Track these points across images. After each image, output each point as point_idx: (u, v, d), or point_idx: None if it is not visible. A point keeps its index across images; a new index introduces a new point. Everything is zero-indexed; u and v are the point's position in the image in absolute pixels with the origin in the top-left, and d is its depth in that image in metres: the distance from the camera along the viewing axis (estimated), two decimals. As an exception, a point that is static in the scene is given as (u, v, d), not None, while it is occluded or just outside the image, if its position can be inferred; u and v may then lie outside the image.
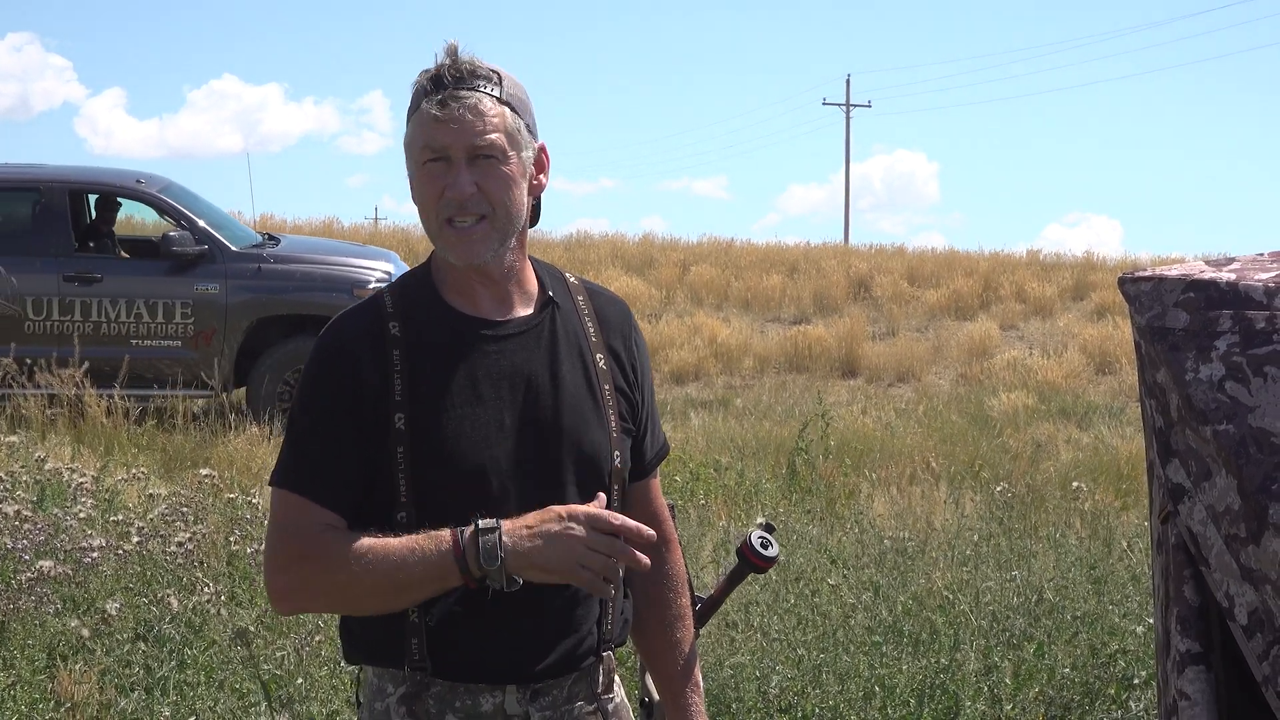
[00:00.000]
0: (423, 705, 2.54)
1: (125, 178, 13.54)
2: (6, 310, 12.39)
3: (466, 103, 2.49)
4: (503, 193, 2.52)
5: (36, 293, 12.46)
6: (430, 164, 2.51)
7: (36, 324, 12.37)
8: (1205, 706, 2.69)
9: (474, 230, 2.52)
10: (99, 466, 8.98)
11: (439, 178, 2.50)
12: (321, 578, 2.45)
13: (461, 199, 2.49)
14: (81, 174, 13.54)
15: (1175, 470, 2.70)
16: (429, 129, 2.49)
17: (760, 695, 5.50)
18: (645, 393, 2.73)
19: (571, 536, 2.41)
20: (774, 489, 9.64)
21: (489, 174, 2.51)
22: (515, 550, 2.40)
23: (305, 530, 2.47)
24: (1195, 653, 2.71)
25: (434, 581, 2.43)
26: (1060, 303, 23.31)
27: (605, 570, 2.43)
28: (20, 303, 12.42)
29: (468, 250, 2.53)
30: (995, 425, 13.26)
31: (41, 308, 12.45)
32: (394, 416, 2.50)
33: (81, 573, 6.23)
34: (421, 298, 2.60)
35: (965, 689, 5.58)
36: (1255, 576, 2.50)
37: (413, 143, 2.52)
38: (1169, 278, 2.73)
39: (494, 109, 2.51)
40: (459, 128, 2.48)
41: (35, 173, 13.18)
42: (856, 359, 18.45)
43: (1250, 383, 2.56)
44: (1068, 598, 6.47)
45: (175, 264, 12.71)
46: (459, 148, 2.49)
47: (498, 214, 2.52)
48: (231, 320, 12.71)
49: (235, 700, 5.39)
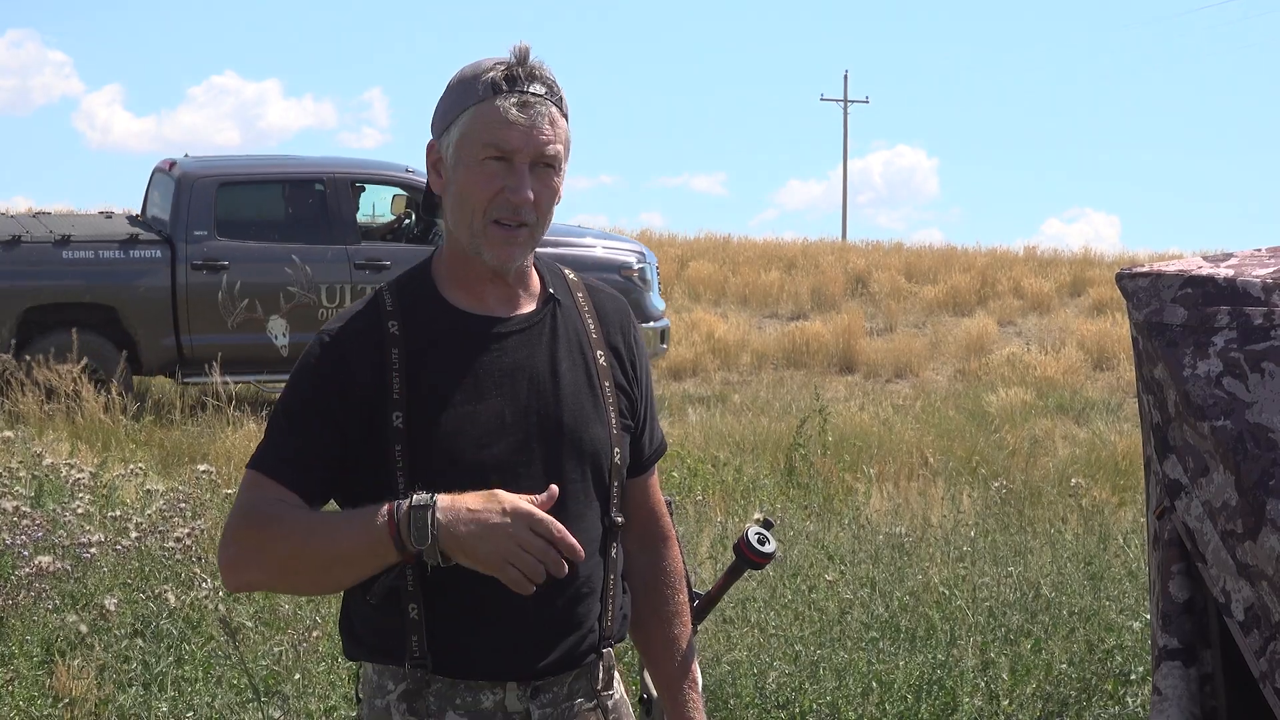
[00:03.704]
0: (423, 702, 2.53)
1: (396, 168, 13.93)
2: (303, 298, 12.73)
3: (544, 111, 2.49)
4: (549, 204, 2.54)
5: (330, 280, 12.82)
6: (490, 161, 2.50)
7: (331, 311, 12.50)
8: (1176, 703, 2.69)
9: (517, 235, 2.53)
10: (97, 462, 8.97)
11: (497, 177, 2.49)
12: (267, 547, 2.45)
13: (521, 203, 2.50)
14: (356, 164, 13.94)
15: (1172, 466, 2.70)
16: (500, 128, 2.48)
17: (757, 691, 5.51)
18: (644, 389, 2.73)
19: (508, 534, 2.37)
20: (771, 485, 9.64)
21: (544, 184, 2.52)
22: (449, 531, 2.37)
23: (260, 504, 2.47)
24: (1173, 648, 2.71)
25: (372, 556, 2.41)
26: (1058, 298, 23.32)
27: (532, 574, 2.39)
28: (315, 291, 12.76)
29: (508, 253, 2.54)
30: (992, 421, 13.26)
31: (335, 295, 12.79)
32: (392, 415, 2.50)
33: (80, 568, 6.23)
34: (421, 296, 2.60)
35: (962, 685, 5.59)
36: (1252, 573, 2.51)
37: (473, 136, 2.50)
38: (1167, 273, 2.74)
39: (560, 121, 2.53)
40: (534, 134, 2.48)
41: (318, 164, 13.63)
42: (854, 355, 18.44)
43: (1248, 378, 2.56)
44: (1064, 594, 6.48)
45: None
46: (527, 153, 2.49)
47: (540, 224, 2.55)
48: None
49: (233, 696, 5.39)
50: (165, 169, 13.43)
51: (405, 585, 2.49)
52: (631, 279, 14.14)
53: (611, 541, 2.63)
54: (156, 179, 13.72)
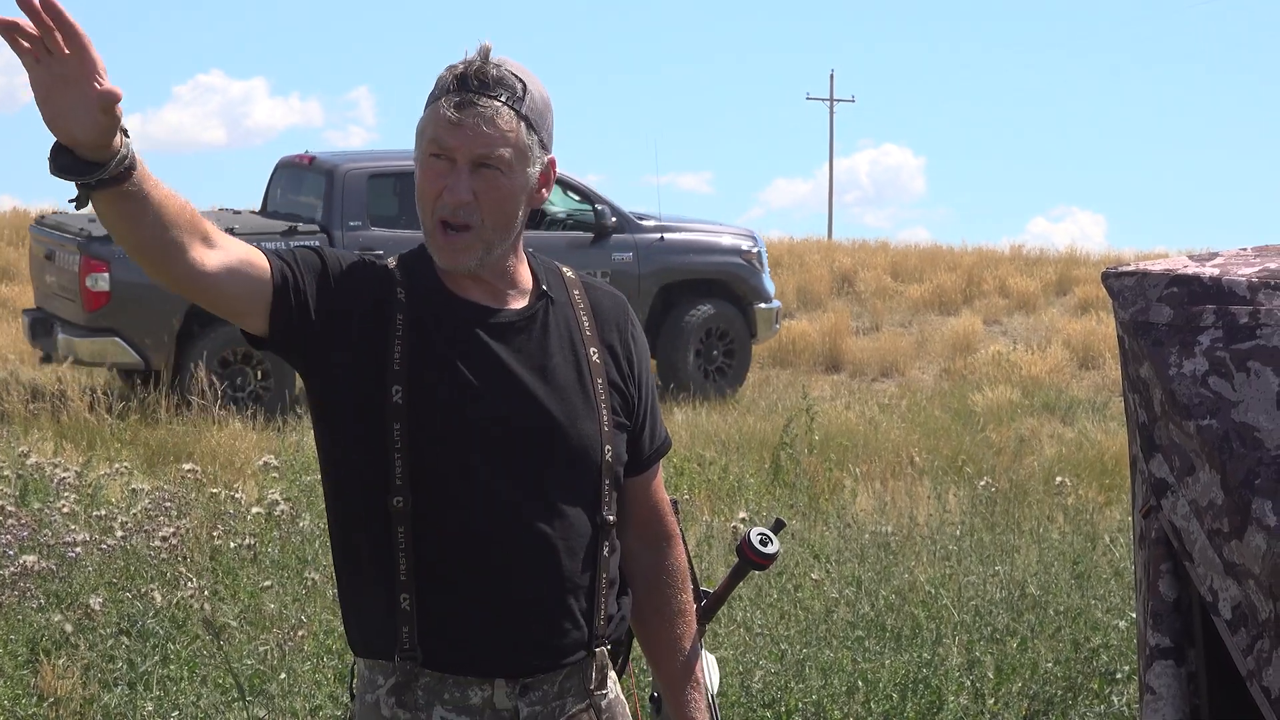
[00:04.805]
0: (411, 696, 2.53)
1: None
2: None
3: (483, 112, 2.48)
4: (496, 206, 2.52)
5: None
6: (434, 159, 2.51)
7: None
8: (1170, 702, 2.70)
9: (460, 238, 2.52)
10: (82, 461, 8.94)
11: (441, 176, 2.50)
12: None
13: (456, 204, 2.50)
14: None
15: (1158, 465, 2.71)
16: (440, 127, 2.49)
17: (743, 690, 5.51)
18: (643, 387, 2.72)
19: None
20: (758, 484, 9.64)
21: (489, 185, 2.51)
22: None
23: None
24: (1165, 647, 2.72)
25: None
26: (1044, 297, 23.33)
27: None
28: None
29: (451, 256, 2.54)
30: (978, 420, 13.27)
31: None
32: (391, 389, 2.50)
33: (65, 567, 6.21)
34: (423, 275, 2.60)
35: (948, 684, 5.59)
36: (1238, 571, 2.51)
37: (423, 133, 2.53)
38: (1153, 273, 2.74)
39: (509, 123, 2.51)
40: (470, 134, 2.48)
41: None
42: (840, 354, 18.44)
43: (1234, 378, 2.56)
44: (1050, 593, 6.49)
45: (594, 236, 13.72)
46: (464, 154, 2.49)
47: (485, 225, 2.53)
48: (644, 287, 13.72)
49: (218, 695, 5.38)
50: (301, 163, 13.70)
51: (399, 575, 2.49)
52: (751, 261, 14.71)
53: (602, 540, 2.62)
54: (286, 173, 13.99)
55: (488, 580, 2.50)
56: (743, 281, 14.72)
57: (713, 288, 14.61)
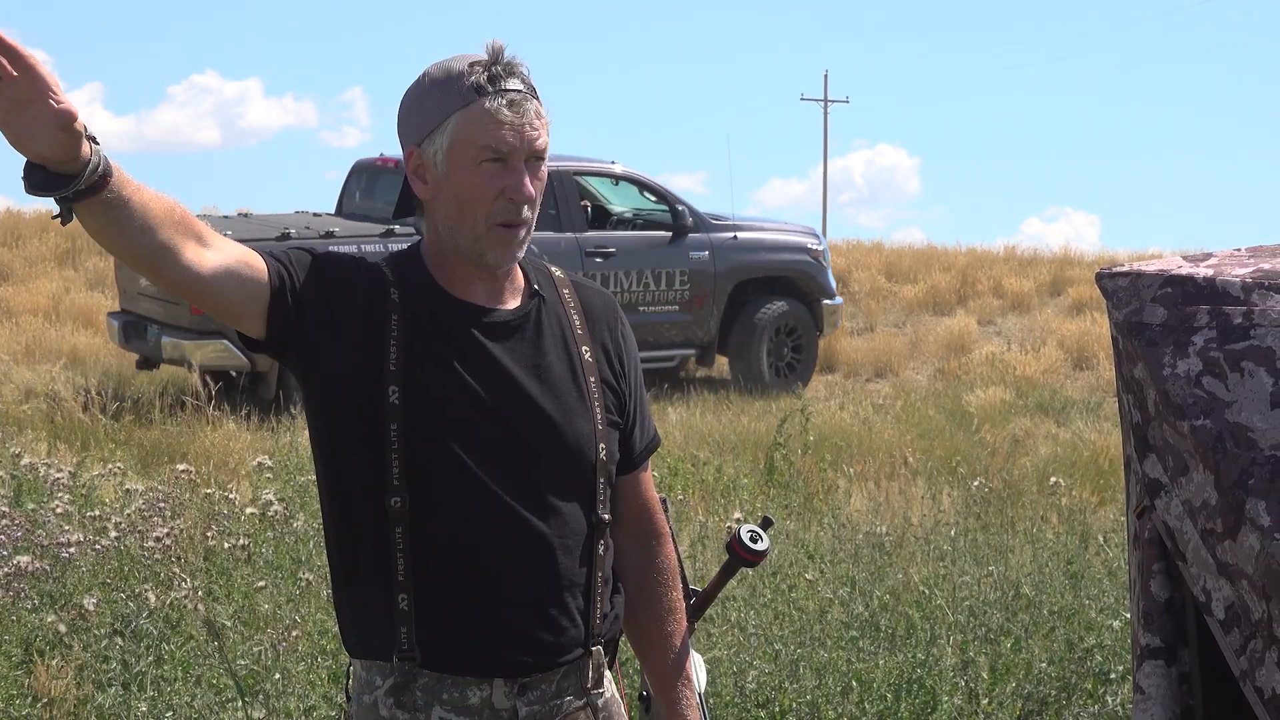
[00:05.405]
0: (410, 696, 2.53)
1: (604, 162, 14.55)
2: None
3: (531, 106, 2.51)
4: (540, 196, 2.56)
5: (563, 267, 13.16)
6: (487, 164, 2.50)
7: None
8: (1159, 702, 2.70)
9: (519, 234, 2.55)
10: (76, 462, 8.93)
11: (497, 178, 2.50)
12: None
13: (525, 200, 2.51)
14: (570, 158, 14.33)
15: (1152, 465, 2.71)
16: (494, 130, 2.48)
17: (737, 690, 5.51)
18: (633, 385, 2.73)
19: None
20: (752, 484, 9.64)
21: (538, 177, 2.54)
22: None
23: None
24: (1155, 647, 2.72)
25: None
26: (1038, 298, 23.33)
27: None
28: None
29: (511, 252, 2.57)
30: (973, 420, 13.26)
31: None
32: (388, 389, 2.49)
33: (59, 568, 6.21)
34: (414, 274, 2.60)
35: (942, 684, 5.60)
36: (1231, 571, 2.51)
37: (467, 140, 2.50)
38: (1146, 273, 2.74)
39: (544, 114, 2.55)
40: (528, 130, 2.50)
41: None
42: (834, 354, 18.43)
43: (1227, 378, 2.57)
44: (1044, 593, 6.49)
45: (673, 236, 14.11)
46: (522, 150, 2.50)
47: (531, 217, 2.56)
48: (719, 285, 14.22)
49: (212, 695, 5.38)
50: (385, 165, 13.95)
51: (396, 575, 2.49)
52: (817, 258, 15.20)
53: (598, 538, 2.63)
54: (364, 174, 14.28)
55: (485, 580, 2.51)
56: (810, 278, 15.16)
57: (782, 285, 15.02)
